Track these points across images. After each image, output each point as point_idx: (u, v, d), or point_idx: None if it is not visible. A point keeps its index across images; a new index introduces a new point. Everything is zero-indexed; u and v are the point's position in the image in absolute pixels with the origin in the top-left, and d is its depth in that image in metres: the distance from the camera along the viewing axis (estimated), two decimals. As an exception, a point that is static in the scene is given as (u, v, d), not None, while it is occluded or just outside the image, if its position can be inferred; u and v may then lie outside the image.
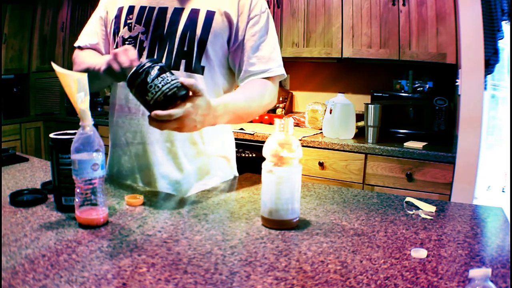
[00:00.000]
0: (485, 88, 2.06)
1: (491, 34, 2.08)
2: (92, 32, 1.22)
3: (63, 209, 0.89)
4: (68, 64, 3.81)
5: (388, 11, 2.39)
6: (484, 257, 0.75)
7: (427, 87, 2.58)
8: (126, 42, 1.14)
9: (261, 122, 2.96)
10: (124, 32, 1.14)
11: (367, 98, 2.64)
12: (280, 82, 3.49)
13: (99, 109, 3.87)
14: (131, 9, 1.15)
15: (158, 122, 0.86)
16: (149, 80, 0.86)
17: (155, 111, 0.85)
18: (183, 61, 1.12)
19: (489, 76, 2.16)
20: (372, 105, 2.35)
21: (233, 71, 1.19)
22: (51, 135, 0.89)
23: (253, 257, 0.71)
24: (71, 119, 3.57)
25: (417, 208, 1.00)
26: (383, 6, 2.40)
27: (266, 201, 0.85)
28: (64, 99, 3.79)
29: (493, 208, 1.03)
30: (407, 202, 1.04)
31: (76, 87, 0.79)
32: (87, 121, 0.80)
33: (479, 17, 1.97)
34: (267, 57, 1.15)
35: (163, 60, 1.11)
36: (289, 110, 3.08)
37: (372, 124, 2.35)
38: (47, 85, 3.90)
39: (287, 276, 0.65)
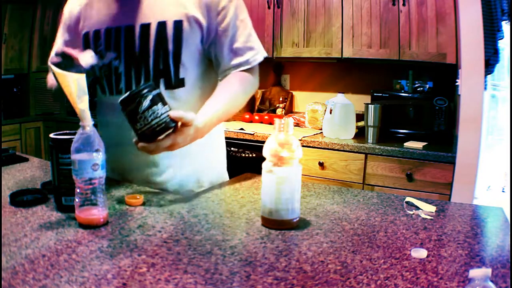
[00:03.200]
0: (485, 88, 2.06)
1: (491, 34, 2.08)
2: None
3: (63, 209, 0.89)
4: (68, 64, 3.81)
5: (388, 11, 2.39)
6: (484, 257, 0.75)
7: (427, 87, 2.58)
8: (102, 70, 1.12)
9: (261, 122, 2.96)
10: (96, 60, 1.11)
11: (367, 98, 2.64)
12: (280, 82, 3.46)
13: (99, 109, 3.87)
14: (97, 34, 1.11)
15: (144, 150, 0.92)
16: (140, 110, 0.88)
17: (142, 144, 0.91)
18: (161, 80, 1.10)
19: (489, 76, 2.16)
20: (372, 105, 2.35)
21: (212, 61, 1.17)
22: (51, 135, 0.89)
23: (253, 257, 0.71)
24: (71, 119, 3.57)
25: (417, 208, 1.00)
26: (383, 6, 2.40)
27: (266, 201, 0.85)
28: (64, 99, 3.79)
29: (493, 208, 1.03)
30: (407, 202, 1.04)
31: (75, 87, 0.79)
32: (87, 121, 0.80)
33: (479, 17, 1.97)
34: (243, 48, 1.13)
35: (142, 82, 1.09)
36: (289, 110, 3.09)
37: (372, 124, 2.35)
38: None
39: (287, 276, 0.65)
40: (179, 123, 0.92)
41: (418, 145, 2.24)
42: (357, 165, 2.30)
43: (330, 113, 2.47)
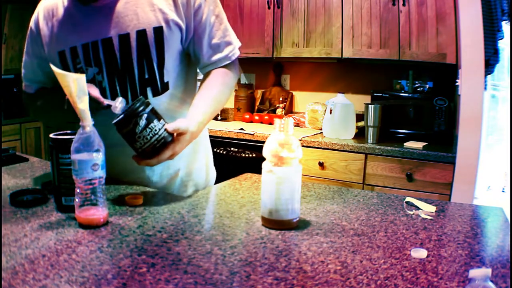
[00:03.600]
0: (485, 88, 2.06)
1: (491, 34, 2.08)
2: (37, 75, 1.16)
3: (63, 209, 0.89)
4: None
5: (388, 11, 2.39)
6: (484, 257, 0.75)
7: (427, 87, 2.58)
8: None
9: (261, 122, 2.96)
10: None
11: (367, 98, 2.64)
12: (280, 82, 3.45)
13: (99, 109, 3.88)
14: (74, 51, 1.07)
15: (145, 163, 0.95)
16: (137, 131, 0.90)
17: (146, 161, 0.93)
18: (148, 88, 1.10)
19: (489, 76, 2.16)
20: (372, 105, 2.35)
21: (189, 55, 1.17)
22: (51, 135, 0.89)
23: (253, 257, 0.71)
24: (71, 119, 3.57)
25: (417, 208, 1.00)
26: (383, 6, 2.40)
27: (266, 201, 0.85)
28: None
29: (493, 208, 1.03)
30: (407, 202, 1.04)
31: (75, 87, 0.79)
32: (87, 121, 0.80)
33: (479, 17, 1.97)
34: (221, 44, 1.13)
35: (128, 93, 1.09)
36: (289, 110, 3.08)
37: (372, 124, 2.35)
38: (47, 85, 3.90)
39: (287, 276, 0.65)
40: (175, 134, 0.95)
41: (418, 145, 2.24)
42: (357, 165, 2.30)
43: (330, 113, 2.47)
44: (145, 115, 0.89)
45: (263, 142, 0.86)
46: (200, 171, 1.27)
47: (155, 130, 0.90)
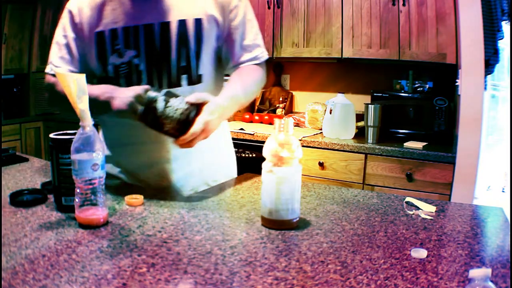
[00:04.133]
0: (485, 88, 2.06)
1: (491, 34, 2.08)
2: (67, 57, 1.13)
3: (63, 209, 0.89)
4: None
5: (388, 11, 2.39)
6: (484, 257, 0.75)
7: (427, 87, 2.58)
8: (120, 69, 1.11)
9: (261, 122, 2.96)
10: (114, 59, 1.10)
11: (367, 98, 2.64)
12: (280, 82, 3.46)
13: (99, 109, 3.87)
14: (114, 33, 1.09)
15: (186, 144, 0.94)
16: (159, 114, 0.92)
17: (181, 141, 0.94)
18: (183, 76, 1.12)
19: (489, 76, 2.16)
20: (372, 105, 2.35)
21: (221, 58, 1.21)
22: (51, 135, 0.89)
23: (253, 257, 0.71)
24: (71, 119, 3.56)
25: (417, 208, 1.00)
26: (383, 6, 2.40)
27: (266, 201, 0.85)
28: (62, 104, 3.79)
29: (493, 208, 1.03)
30: (407, 202, 1.04)
31: (75, 87, 0.79)
32: (87, 121, 0.80)
33: (479, 17, 1.97)
34: (252, 45, 1.18)
35: (164, 80, 1.11)
36: (289, 110, 3.08)
37: (372, 124, 2.35)
38: (47, 85, 3.90)
39: (287, 276, 0.65)
40: (199, 105, 0.96)
41: (418, 145, 2.24)
42: (357, 165, 2.30)
43: (330, 113, 2.47)
44: (162, 97, 0.93)
45: (263, 142, 0.86)
46: (221, 169, 1.28)
47: (176, 106, 0.93)
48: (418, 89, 2.59)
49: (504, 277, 0.66)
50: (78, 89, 0.80)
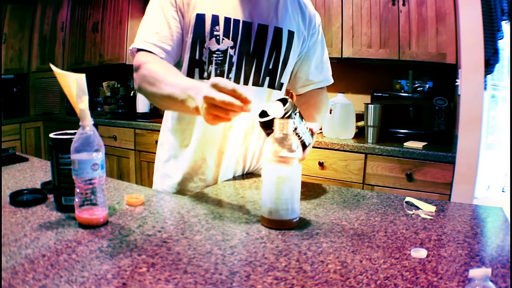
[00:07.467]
0: (485, 88, 2.06)
1: (491, 34, 2.08)
2: (166, 35, 1.08)
3: (63, 209, 0.89)
4: (69, 64, 3.82)
5: (388, 11, 2.39)
6: (484, 257, 0.75)
7: (427, 87, 2.58)
8: (214, 55, 1.10)
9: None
10: (210, 43, 1.09)
11: (367, 98, 2.64)
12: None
13: (99, 109, 3.88)
14: (215, 19, 1.09)
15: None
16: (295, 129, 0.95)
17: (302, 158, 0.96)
18: (267, 78, 1.18)
19: (489, 76, 2.16)
20: (372, 105, 2.35)
21: (293, 74, 1.29)
22: (51, 135, 0.89)
23: (253, 257, 0.71)
24: (71, 119, 3.57)
25: (417, 208, 1.00)
26: (383, 6, 2.40)
27: (266, 201, 0.85)
28: (64, 99, 3.79)
29: (493, 208, 1.03)
30: (407, 202, 1.04)
31: (75, 87, 0.79)
32: (87, 121, 0.80)
33: (479, 17, 1.97)
34: (324, 67, 1.30)
35: (251, 77, 1.15)
36: (289, 110, 3.08)
37: (372, 124, 2.35)
38: (47, 85, 3.91)
39: (287, 276, 0.65)
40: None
41: (418, 145, 2.24)
42: (357, 165, 2.30)
43: (330, 113, 2.47)
44: (297, 114, 0.97)
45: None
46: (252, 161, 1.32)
47: (304, 128, 1.00)
48: (418, 89, 2.59)
49: (504, 277, 0.66)
50: (78, 89, 0.79)
